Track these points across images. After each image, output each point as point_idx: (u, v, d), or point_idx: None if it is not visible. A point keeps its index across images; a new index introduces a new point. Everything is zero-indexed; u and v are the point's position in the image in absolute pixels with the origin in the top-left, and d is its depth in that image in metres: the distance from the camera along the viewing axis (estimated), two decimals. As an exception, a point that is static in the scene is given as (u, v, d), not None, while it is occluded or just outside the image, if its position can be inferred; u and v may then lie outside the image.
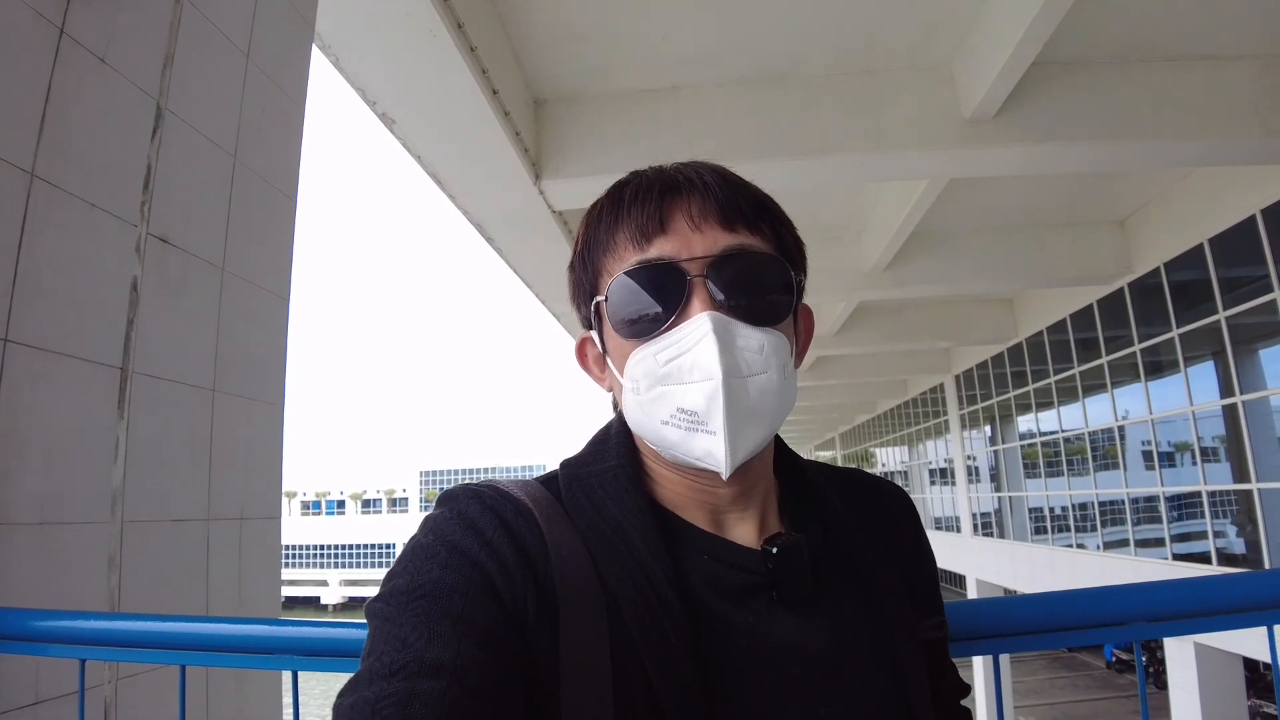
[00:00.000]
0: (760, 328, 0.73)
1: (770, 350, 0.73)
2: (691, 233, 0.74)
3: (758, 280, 0.75)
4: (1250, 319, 9.02)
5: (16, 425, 1.81)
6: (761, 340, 0.73)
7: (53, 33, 1.94)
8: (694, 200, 0.75)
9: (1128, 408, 12.09)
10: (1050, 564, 14.74)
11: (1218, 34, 6.09)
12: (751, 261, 0.75)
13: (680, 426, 0.72)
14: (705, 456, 0.72)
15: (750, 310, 0.74)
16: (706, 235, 0.74)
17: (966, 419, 18.68)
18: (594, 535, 0.73)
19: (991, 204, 9.60)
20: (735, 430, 0.70)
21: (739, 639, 0.71)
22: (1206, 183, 9.08)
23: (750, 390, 0.72)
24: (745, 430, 0.71)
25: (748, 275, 0.74)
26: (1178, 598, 1.12)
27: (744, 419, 0.71)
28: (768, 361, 0.73)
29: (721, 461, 0.70)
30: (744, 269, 0.74)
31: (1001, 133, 6.29)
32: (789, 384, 0.75)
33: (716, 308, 0.72)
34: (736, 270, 0.74)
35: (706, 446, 0.71)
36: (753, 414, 0.72)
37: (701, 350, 0.71)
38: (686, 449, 0.73)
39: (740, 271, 0.74)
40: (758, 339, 0.73)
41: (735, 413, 0.70)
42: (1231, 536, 9.99)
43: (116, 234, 2.14)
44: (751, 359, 0.72)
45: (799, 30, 5.99)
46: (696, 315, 0.72)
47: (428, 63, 4.88)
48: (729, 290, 0.73)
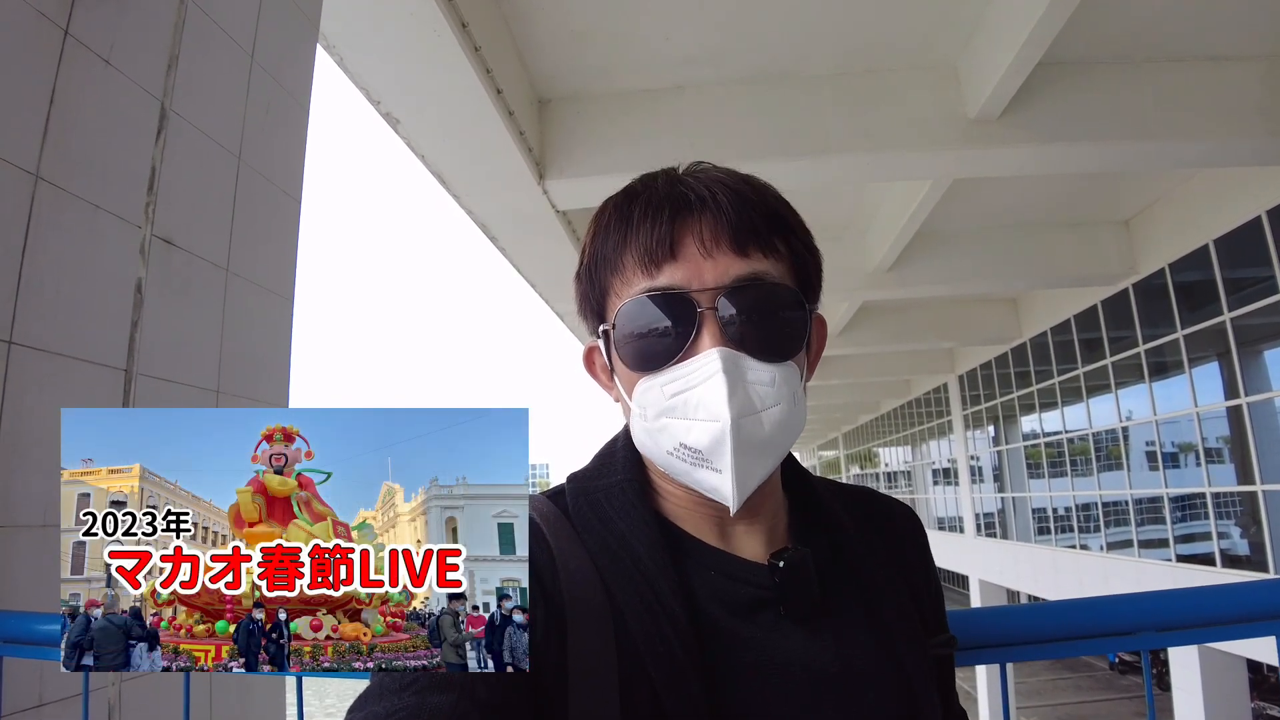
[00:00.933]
0: (772, 363, 0.72)
1: (781, 381, 0.71)
2: (703, 259, 0.71)
3: (771, 312, 0.72)
4: (1256, 320, 8.99)
5: (21, 427, 1.81)
6: (773, 374, 0.71)
7: (57, 34, 1.94)
8: (705, 221, 0.72)
9: (1132, 409, 12.05)
10: (1053, 565, 14.72)
11: (1223, 34, 6.07)
12: (764, 292, 0.72)
13: (685, 461, 0.71)
14: (711, 491, 0.71)
15: (762, 344, 0.71)
16: (719, 262, 0.71)
17: (970, 419, 18.65)
18: (601, 550, 0.72)
19: (996, 204, 9.58)
20: (742, 468, 0.69)
21: (746, 653, 0.70)
22: (1212, 183, 9.05)
23: (764, 424, 0.70)
24: (753, 466, 0.70)
25: (761, 306, 0.72)
26: (1186, 607, 1.12)
27: (753, 455, 0.70)
28: (779, 394, 0.71)
29: (728, 497, 0.69)
30: (757, 300, 0.72)
31: (1006, 133, 6.27)
32: (799, 410, 0.73)
33: (727, 342, 0.70)
34: (749, 301, 0.71)
35: (712, 483, 0.70)
36: (762, 448, 0.71)
37: (709, 389, 0.69)
38: (692, 480, 0.72)
39: (753, 302, 0.71)
40: (769, 372, 0.71)
41: (743, 451, 0.69)
42: (1236, 538, 9.95)
43: (120, 235, 2.15)
44: (764, 393, 0.70)
45: (802, 30, 5.98)
46: (706, 350, 0.70)
47: (432, 62, 4.88)
48: (740, 323, 0.71)
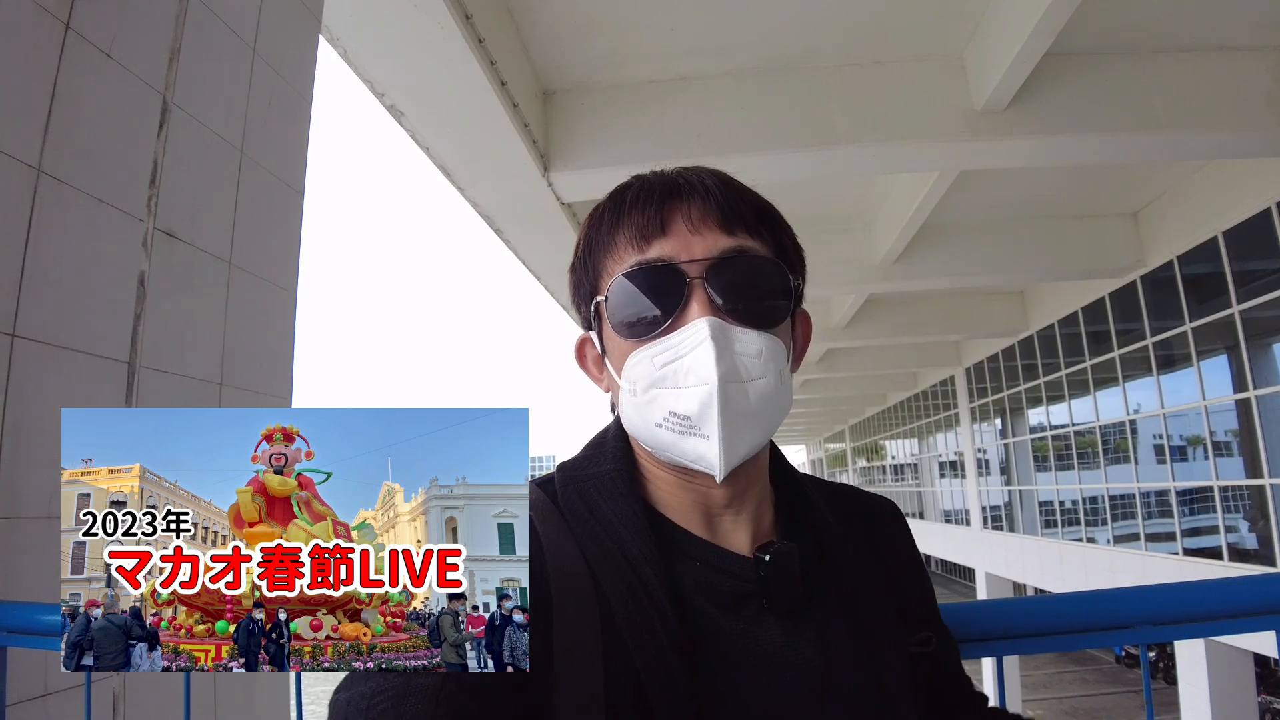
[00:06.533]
0: (758, 331, 0.73)
1: (768, 355, 0.73)
2: (691, 235, 0.74)
3: (756, 283, 0.75)
4: (1265, 313, 8.94)
5: (24, 420, 1.82)
6: (760, 345, 0.73)
7: (58, 28, 1.94)
8: (694, 203, 0.75)
9: (1139, 401, 12.01)
10: (1060, 558, 14.71)
11: (1232, 25, 6.02)
12: (750, 264, 0.75)
13: (674, 430, 0.73)
14: (698, 460, 0.72)
15: (749, 314, 0.74)
16: (706, 238, 0.74)
17: (977, 412, 18.62)
18: (589, 539, 0.74)
19: (1003, 196, 9.52)
20: (729, 434, 0.71)
21: (729, 645, 0.72)
22: (1221, 175, 8.98)
23: (749, 394, 0.72)
24: (739, 434, 0.72)
25: (747, 278, 0.75)
26: (1185, 601, 1.12)
27: (739, 423, 0.71)
28: (765, 366, 0.73)
29: (715, 464, 0.71)
30: (743, 272, 0.75)
31: (1013, 124, 6.23)
32: (785, 389, 0.75)
33: (715, 311, 0.73)
34: (735, 273, 0.74)
35: (699, 450, 0.71)
36: (748, 418, 0.72)
37: (698, 355, 0.71)
38: (679, 451, 0.73)
39: (739, 274, 0.74)
40: (756, 343, 0.73)
41: (730, 417, 0.71)
42: (1243, 531, 9.93)
43: (123, 229, 2.15)
44: (750, 364, 0.72)
45: (808, 21, 5.94)
46: (695, 319, 0.72)
47: (436, 54, 4.87)
48: (727, 293, 0.73)
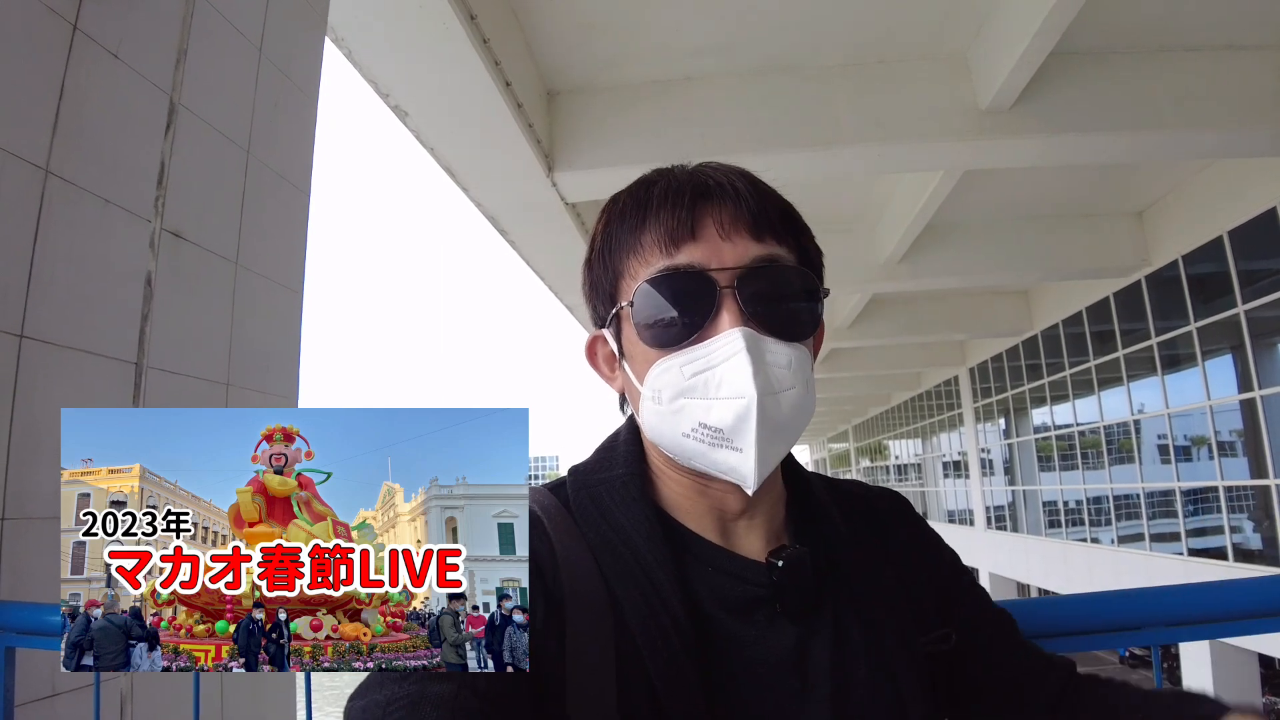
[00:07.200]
0: (788, 343, 0.72)
1: (797, 365, 0.72)
2: (722, 241, 0.72)
3: (787, 293, 0.74)
4: (1270, 313, 8.91)
5: (32, 421, 1.82)
6: (789, 355, 0.72)
7: (66, 29, 1.95)
8: (725, 207, 0.73)
9: (1144, 401, 11.98)
10: (1064, 558, 14.67)
11: (1237, 24, 5.99)
12: (781, 274, 0.74)
13: (703, 441, 0.71)
14: (729, 472, 0.71)
15: (780, 324, 0.72)
16: (737, 245, 0.73)
17: (981, 412, 18.57)
18: (601, 543, 0.73)
19: (1007, 196, 9.50)
20: (764, 448, 0.69)
21: (742, 650, 0.71)
22: (1226, 174, 8.95)
23: (782, 406, 0.70)
24: (772, 446, 0.71)
25: (778, 288, 0.73)
26: (1195, 602, 1.12)
27: (772, 435, 0.70)
28: (795, 377, 0.72)
29: (748, 478, 0.70)
30: (774, 281, 0.73)
31: (1018, 124, 6.21)
32: (811, 396, 0.74)
33: (746, 321, 0.71)
34: (767, 282, 0.73)
35: (731, 463, 0.70)
36: (780, 430, 0.71)
37: (732, 367, 0.69)
38: (709, 462, 0.72)
39: (771, 284, 0.73)
40: (786, 354, 0.72)
41: (766, 430, 0.69)
42: (1248, 532, 9.90)
43: (130, 229, 2.16)
44: (781, 375, 0.71)
45: (812, 20, 5.93)
46: (728, 330, 0.71)
47: (440, 55, 4.88)
48: (759, 303, 0.72)
